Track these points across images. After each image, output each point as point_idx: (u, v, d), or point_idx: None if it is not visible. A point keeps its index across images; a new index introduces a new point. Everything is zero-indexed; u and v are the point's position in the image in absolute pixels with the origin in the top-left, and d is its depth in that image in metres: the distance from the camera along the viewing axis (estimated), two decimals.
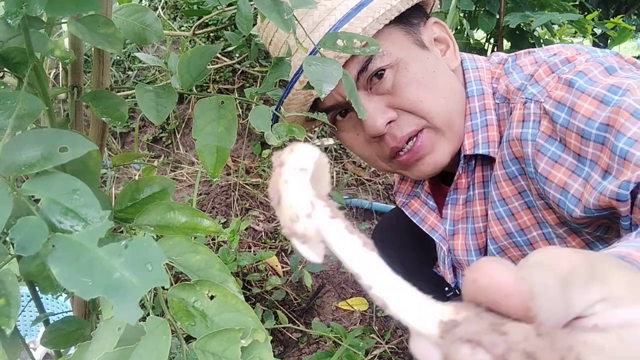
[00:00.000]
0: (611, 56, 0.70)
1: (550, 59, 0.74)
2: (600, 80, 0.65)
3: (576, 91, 0.66)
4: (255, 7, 0.89)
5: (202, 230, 0.47)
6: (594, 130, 0.63)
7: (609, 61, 0.68)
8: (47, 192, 0.33)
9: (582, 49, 0.74)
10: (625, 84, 0.62)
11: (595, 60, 0.68)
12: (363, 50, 0.59)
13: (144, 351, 0.35)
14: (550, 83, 0.70)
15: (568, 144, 0.67)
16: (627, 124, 0.60)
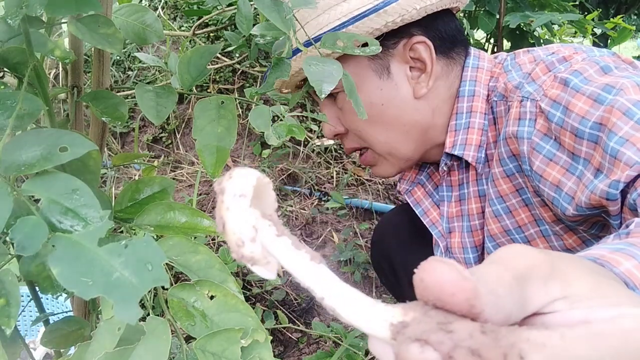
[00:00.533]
0: (608, 55, 0.70)
1: (547, 57, 0.74)
2: (595, 79, 0.65)
3: (571, 90, 0.66)
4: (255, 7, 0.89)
5: (202, 230, 0.47)
6: (588, 129, 0.63)
7: (605, 60, 0.68)
8: (47, 192, 0.33)
9: (580, 48, 0.74)
10: (619, 83, 0.62)
11: (591, 60, 0.68)
12: (363, 50, 0.59)
13: (144, 351, 0.35)
14: (546, 81, 0.70)
15: (562, 143, 0.67)
16: (619, 123, 0.60)
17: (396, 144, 0.82)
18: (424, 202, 0.95)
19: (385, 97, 0.79)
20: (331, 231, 1.90)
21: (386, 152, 0.83)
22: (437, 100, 0.81)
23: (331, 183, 2.19)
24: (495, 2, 1.60)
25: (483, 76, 0.81)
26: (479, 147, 0.79)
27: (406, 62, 0.79)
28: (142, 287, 0.27)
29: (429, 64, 0.78)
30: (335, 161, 2.31)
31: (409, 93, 0.80)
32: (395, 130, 0.81)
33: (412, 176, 0.96)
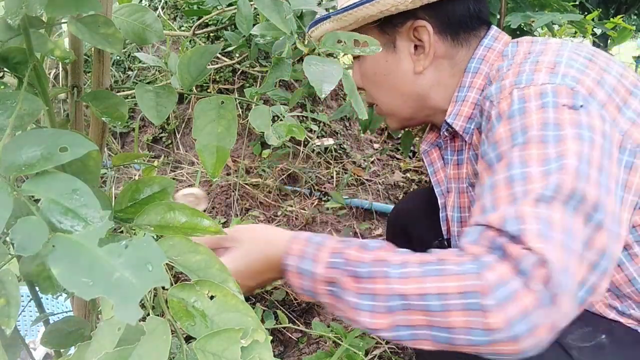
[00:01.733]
0: (565, 85, 0.71)
1: (529, 59, 0.79)
2: (528, 113, 0.70)
3: (506, 115, 0.73)
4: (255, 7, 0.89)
5: (202, 230, 0.47)
6: (492, 154, 0.72)
7: (556, 92, 0.70)
8: (47, 192, 0.33)
9: (560, 59, 0.76)
10: (532, 132, 0.68)
11: (544, 89, 0.71)
12: (363, 50, 0.59)
13: (144, 351, 0.35)
14: (505, 89, 0.75)
15: (486, 150, 0.76)
16: (498, 171, 0.69)
17: (396, 107, 0.95)
18: (437, 162, 1.04)
19: (389, 69, 0.91)
20: (331, 231, 1.90)
21: (389, 112, 0.97)
22: (439, 75, 0.90)
23: (331, 183, 2.19)
24: (496, 2, 1.60)
25: (492, 56, 0.87)
26: (468, 118, 0.88)
27: (411, 40, 0.88)
28: (142, 287, 0.27)
29: (427, 46, 0.87)
30: (335, 161, 2.31)
31: (410, 67, 0.90)
32: (395, 96, 0.93)
33: (432, 138, 1.05)
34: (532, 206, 0.63)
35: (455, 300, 0.61)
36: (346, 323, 1.50)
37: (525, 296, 0.59)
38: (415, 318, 0.64)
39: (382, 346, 1.39)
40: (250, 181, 2.05)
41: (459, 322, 0.61)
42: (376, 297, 0.66)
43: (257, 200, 1.99)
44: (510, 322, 0.58)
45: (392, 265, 0.66)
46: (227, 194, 1.99)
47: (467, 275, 0.61)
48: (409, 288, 0.64)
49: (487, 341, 0.60)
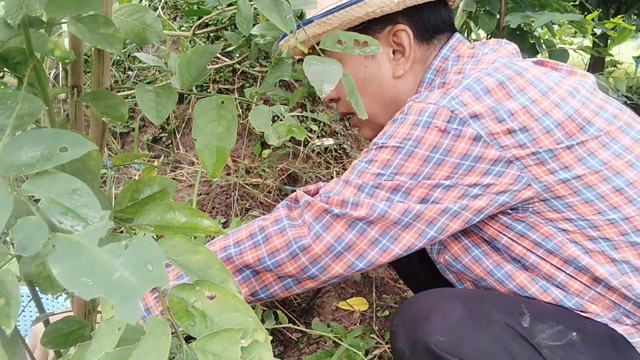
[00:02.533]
0: (447, 108, 0.79)
1: (439, 80, 0.89)
2: (402, 124, 0.81)
3: (393, 118, 0.84)
4: (255, 7, 0.89)
5: (202, 230, 0.47)
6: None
7: (434, 113, 0.79)
8: (47, 192, 0.33)
9: (464, 81, 0.81)
10: (392, 141, 0.80)
11: (426, 108, 0.80)
12: (363, 50, 0.59)
13: (144, 351, 0.35)
14: (411, 99, 0.84)
15: None
16: (360, 157, 0.86)
17: (374, 114, 0.97)
18: None
19: (369, 74, 0.93)
20: None
21: (367, 120, 0.99)
22: (415, 80, 0.94)
23: None
24: (496, 2, 1.60)
25: (443, 67, 0.91)
26: None
27: (390, 46, 0.92)
28: (142, 287, 0.27)
29: (408, 50, 0.91)
30: (335, 161, 2.31)
31: (389, 72, 0.93)
32: (374, 102, 0.96)
33: None
34: (350, 189, 0.82)
35: (283, 253, 0.82)
36: (346, 323, 1.50)
37: (312, 209, 0.84)
38: (265, 277, 0.85)
39: (382, 346, 1.39)
40: (250, 181, 2.05)
41: (291, 264, 0.82)
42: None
43: (257, 200, 1.99)
44: (309, 225, 0.82)
45: (230, 247, 0.86)
46: (227, 194, 1.99)
47: (260, 220, 0.87)
48: (249, 258, 0.83)
49: (300, 247, 0.82)
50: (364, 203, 0.80)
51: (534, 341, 0.74)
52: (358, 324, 1.49)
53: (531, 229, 0.83)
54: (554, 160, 0.78)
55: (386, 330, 1.46)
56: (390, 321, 0.87)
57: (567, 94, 0.81)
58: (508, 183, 0.79)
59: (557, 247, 0.82)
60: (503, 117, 0.77)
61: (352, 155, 2.37)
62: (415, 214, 0.79)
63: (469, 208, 0.80)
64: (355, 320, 1.51)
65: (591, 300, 0.81)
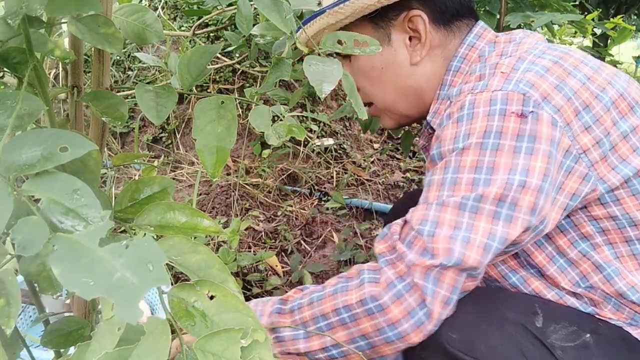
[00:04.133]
0: (517, 92, 0.73)
1: (490, 64, 0.82)
2: (474, 119, 0.74)
3: (455, 117, 0.77)
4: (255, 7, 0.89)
5: (202, 230, 0.47)
6: (435, 152, 0.78)
7: (505, 100, 0.73)
8: (47, 192, 0.33)
9: (520, 63, 0.78)
10: (472, 140, 0.73)
11: (494, 96, 0.74)
12: (363, 50, 0.59)
13: (144, 351, 0.35)
14: (463, 93, 0.79)
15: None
16: (437, 171, 0.75)
17: (393, 102, 0.94)
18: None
19: (385, 62, 0.90)
20: (331, 231, 1.90)
21: (385, 108, 0.96)
22: (433, 67, 0.90)
23: (331, 183, 2.19)
24: (496, 2, 1.60)
25: (474, 55, 0.88)
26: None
27: (405, 32, 0.88)
28: (142, 287, 0.27)
29: (424, 35, 0.87)
30: (335, 161, 2.31)
31: (406, 59, 0.90)
32: (392, 91, 0.93)
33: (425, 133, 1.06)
34: (450, 213, 0.71)
35: (358, 309, 0.72)
36: None
37: (417, 290, 0.70)
38: (339, 335, 0.75)
39: None
40: (250, 181, 2.05)
41: (369, 326, 0.72)
42: (306, 324, 0.77)
43: (257, 200, 1.99)
44: (410, 311, 0.70)
45: (315, 292, 0.78)
46: (227, 194, 1.99)
47: (365, 284, 0.73)
48: (327, 307, 0.75)
49: (396, 334, 0.71)
50: (471, 241, 0.69)
51: (547, 341, 0.73)
52: None
53: (574, 226, 0.79)
54: (613, 152, 0.74)
55: None
56: None
57: (614, 74, 0.79)
58: (576, 183, 0.74)
59: (592, 248, 0.78)
60: (569, 95, 0.73)
61: (352, 155, 2.37)
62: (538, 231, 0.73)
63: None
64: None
65: (611, 312, 0.79)
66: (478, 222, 0.69)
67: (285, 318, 0.79)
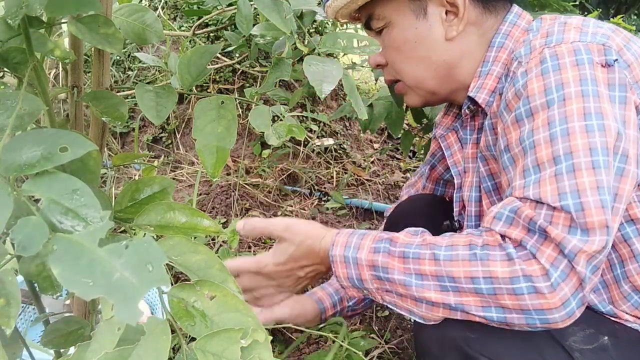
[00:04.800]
0: (596, 43, 0.72)
1: (555, 24, 0.79)
2: (563, 69, 0.71)
3: (539, 70, 0.73)
4: (255, 7, 0.89)
5: (202, 230, 0.47)
6: (522, 109, 0.73)
7: (589, 50, 0.71)
8: (47, 192, 0.33)
9: (587, 22, 0.77)
10: (569, 89, 0.69)
11: (576, 46, 0.72)
12: (363, 49, 0.59)
13: (144, 351, 0.35)
14: (536, 49, 0.76)
15: (509, 108, 0.76)
16: (539, 129, 0.70)
17: (423, 79, 0.91)
18: (454, 146, 1.03)
19: (419, 36, 0.87)
20: None
21: (414, 85, 0.93)
22: (468, 44, 0.88)
23: (331, 183, 2.19)
24: None
25: (517, 33, 0.87)
26: (492, 92, 0.86)
27: (442, 5, 0.86)
28: (142, 287, 0.27)
29: (462, 9, 0.85)
30: (335, 161, 2.31)
31: (441, 34, 0.87)
32: (423, 66, 0.90)
33: (448, 123, 1.04)
34: (584, 176, 0.65)
35: (504, 285, 0.66)
36: (346, 323, 1.50)
37: (575, 276, 0.64)
38: (467, 299, 0.69)
39: (382, 346, 1.39)
40: (250, 181, 2.05)
41: (510, 304, 0.66)
42: (425, 277, 0.71)
43: (257, 200, 1.99)
44: (565, 301, 0.64)
45: (440, 247, 0.71)
46: (227, 194, 1.99)
47: (515, 260, 0.65)
48: (458, 270, 0.69)
49: (543, 320, 0.65)
50: (595, 203, 0.64)
51: (566, 344, 0.72)
52: (358, 324, 1.49)
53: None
54: None
55: (386, 331, 1.46)
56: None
57: None
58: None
59: (637, 233, 0.75)
60: (636, 56, 0.73)
61: (352, 155, 2.37)
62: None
63: None
64: (355, 320, 1.50)
65: (629, 309, 0.78)
66: (609, 179, 0.65)
67: (394, 261, 0.73)
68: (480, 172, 0.91)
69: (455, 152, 1.02)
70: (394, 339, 1.42)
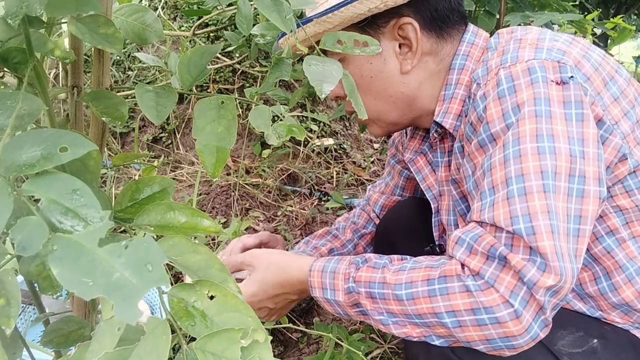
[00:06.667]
0: (551, 60, 0.72)
1: (510, 42, 0.79)
2: (518, 91, 0.70)
3: (495, 94, 0.72)
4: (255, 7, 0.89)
5: (202, 230, 0.47)
6: (484, 135, 0.73)
7: (543, 67, 0.71)
8: (47, 192, 0.33)
9: (543, 36, 0.77)
10: (523, 109, 0.69)
11: (531, 64, 0.72)
12: (363, 50, 0.59)
13: (144, 351, 0.35)
14: (492, 70, 0.75)
15: (475, 132, 0.76)
16: (496, 151, 0.70)
17: (383, 112, 0.91)
18: (424, 169, 1.02)
19: (374, 71, 0.87)
20: None
21: (375, 118, 0.93)
22: (425, 74, 0.88)
23: (331, 183, 2.19)
24: (496, 2, 1.60)
25: (475, 52, 0.86)
26: (458, 116, 0.86)
27: (395, 40, 0.85)
28: (142, 287, 0.27)
29: (415, 43, 0.84)
30: (335, 161, 2.31)
31: (396, 68, 0.87)
32: (382, 100, 0.90)
33: (415, 146, 1.03)
34: (538, 199, 0.65)
35: (467, 317, 0.66)
36: (346, 323, 1.50)
37: (534, 303, 0.64)
38: (439, 331, 0.70)
39: (383, 346, 1.39)
40: (250, 181, 2.05)
41: (475, 335, 0.67)
42: (396, 315, 0.73)
43: (257, 200, 1.99)
44: (528, 327, 0.64)
45: (400, 286, 0.72)
46: (227, 194, 1.99)
47: (473, 292, 0.66)
48: (422, 308, 0.70)
49: (508, 346, 0.66)
50: (567, 231, 0.65)
51: (554, 348, 0.72)
52: (358, 324, 1.49)
53: (600, 218, 0.75)
54: (638, 127, 0.73)
55: None
56: None
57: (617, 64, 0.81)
58: (611, 155, 0.71)
59: (618, 243, 0.75)
60: (595, 66, 0.73)
61: (352, 155, 2.37)
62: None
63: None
64: (355, 320, 1.51)
65: (619, 316, 0.78)
66: (563, 204, 0.66)
67: (366, 301, 0.75)
68: (453, 195, 0.91)
69: (427, 176, 1.01)
70: (394, 339, 1.42)
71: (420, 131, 1.02)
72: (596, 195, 0.67)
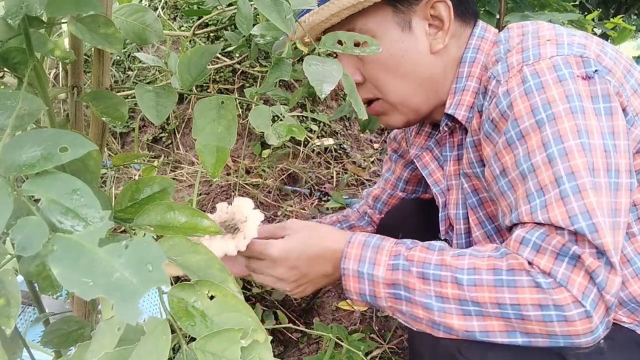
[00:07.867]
0: (573, 55, 0.72)
1: (529, 36, 0.78)
2: (546, 87, 0.70)
3: (522, 90, 0.71)
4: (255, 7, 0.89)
5: (202, 230, 0.47)
6: (512, 132, 0.72)
7: (568, 64, 0.70)
8: (47, 192, 0.33)
9: (560, 31, 0.77)
10: (557, 108, 0.69)
11: (555, 61, 0.71)
12: (363, 50, 0.59)
13: (144, 351, 0.35)
14: (514, 67, 0.75)
15: (498, 130, 0.75)
16: (535, 151, 0.69)
17: (410, 95, 0.88)
18: (430, 165, 1.01)
19: (405, 49, 0.85)
20: None
21: (399, 102, 0.89)
22: (449, 58, 0.87)
23: (331, 183, 2.19)
24: (496, 2, 1.60)
25: (486, 46, 0.87)
26: (470, 107, 0.85)
27: (426, 19, 0.85)
28: (142, 287, 0.27)
29: (447, 22, 0.84)
30: (335, 161, 2.31)
31: (427, 48, 0.85)
32: (411, 81, 0.87)
33: (421, 142, 1.02)
34: (590, 196, 0.65)
35: (533, 312, 0.65)
36: (346, 323, 1.50)
37: (602, 305, 0.64)
38: (491, 323, 0.68)
39: (383, 346, 1.39)
40: (250, 181, 2.05)
41: (537, 329, 0.66)
42: (446, 300, 0.70)
43: (257, 200, 1.99)
44: (594, 329, 0.64)
45: (462, 270, 0.69)
46: (227, 194, 1.99)
47: (545, 290, 0.65)
48: (483, 296, 0.67)
49: (569, 342, 0.66)
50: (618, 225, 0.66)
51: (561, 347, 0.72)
52: (358, 324, 1.49)
53: None
54: None
55: (386, 330, 1.46)
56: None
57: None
58: (631, 146, 0.71)
59: (627, 238, 0.74)
60: (613, 59, 0.73)
61: (352, 155, 2.37)
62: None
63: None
64: (355, 320, 1.51)
65: (625, 314, 0.77)
66: (607, 199, 0.66)
67: (414, 280, 0.71)
68: (464, 188, 0.90)
69: (434, 171, 1.00)
70: (394, 339, 1.42)
71: (427, 127, 1.01)
72: (627, 187, 0.68)
